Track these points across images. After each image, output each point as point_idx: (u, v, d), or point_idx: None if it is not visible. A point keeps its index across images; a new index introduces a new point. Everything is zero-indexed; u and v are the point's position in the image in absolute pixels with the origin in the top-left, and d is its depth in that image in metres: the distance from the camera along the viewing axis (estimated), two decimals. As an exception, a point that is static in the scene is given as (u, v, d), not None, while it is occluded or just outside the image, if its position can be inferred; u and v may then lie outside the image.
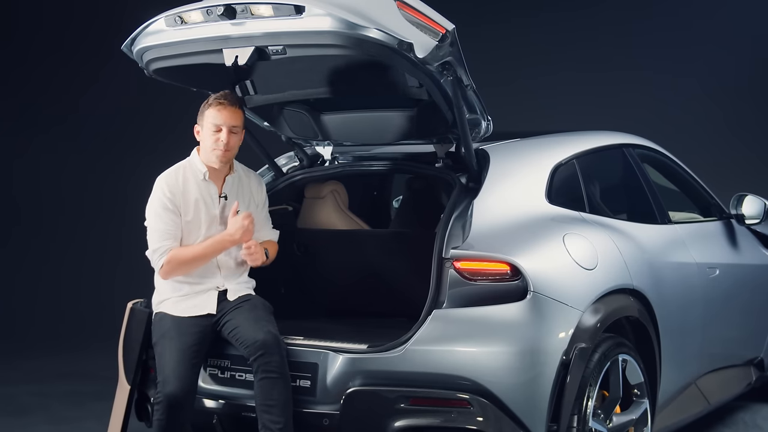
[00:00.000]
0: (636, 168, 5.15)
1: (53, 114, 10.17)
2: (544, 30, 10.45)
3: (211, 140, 4.19)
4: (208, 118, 4.19)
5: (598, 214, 4.58)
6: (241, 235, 4.16)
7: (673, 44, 10.20)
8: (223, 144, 4.17)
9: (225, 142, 4.17)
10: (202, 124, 4.22)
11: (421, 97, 4.25)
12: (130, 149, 10.12)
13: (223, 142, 4.17)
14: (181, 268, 4.16)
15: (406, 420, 3.82)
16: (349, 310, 4.86)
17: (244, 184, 4.38)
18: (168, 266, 4.14)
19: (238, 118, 4.21)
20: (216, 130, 4.17)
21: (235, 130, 4.20)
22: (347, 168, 4.86)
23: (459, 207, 4.10)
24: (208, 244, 4.18)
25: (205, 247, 4.17)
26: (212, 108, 4.18)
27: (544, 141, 4.77)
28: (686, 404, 5.04)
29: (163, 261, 4.13)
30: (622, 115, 9.68)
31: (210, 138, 4.19)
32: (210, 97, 4.22)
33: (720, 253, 5.47)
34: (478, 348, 3.82)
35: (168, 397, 3.98)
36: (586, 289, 4.08)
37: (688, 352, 4.95)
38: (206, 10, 3.88)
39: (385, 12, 3.70)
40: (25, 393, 6.74)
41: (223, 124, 4.17)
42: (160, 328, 4.18)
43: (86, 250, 10.05)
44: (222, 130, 4.17)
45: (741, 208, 5.71)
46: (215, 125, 4.17)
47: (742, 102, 10.11)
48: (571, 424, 3.92)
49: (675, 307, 4.75)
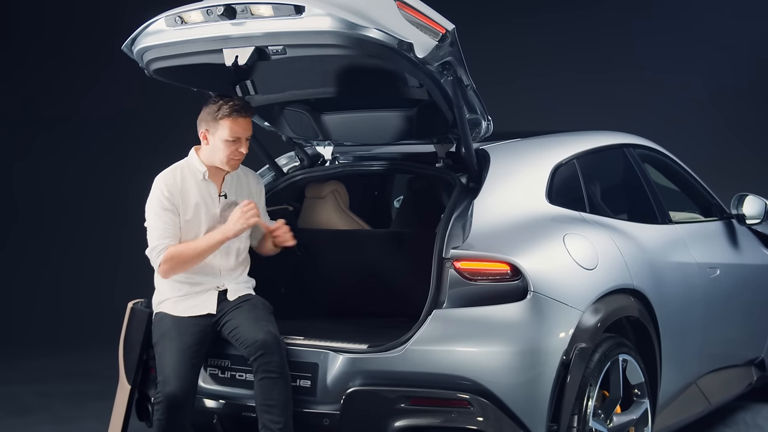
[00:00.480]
0: (636, 168, 5.15)
1: (54, 114, 10.18)
2: (544, 30, 10.46)
3: (227, 150, 4.14)
4: (224, 128, 4.12)
5: (598, 214, 4.57)
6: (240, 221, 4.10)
7: (673, 45, 10.21)
8: (241, 154, 4.16)
9: (243, 153, 4.16)
10: (215, 132, 4.15)
11: (422, 97, 4.24)
12: (130, 149, 10.13)
13: (242, 152, 4.16)
14: (180, 266, 4.14)
15: (406, 420, 3.82)
16: (349, 310, 4.86)
17: (243, 182, 4.38)
18: (167, 264, 4.12)
19: (251, 126, 4.20)
20: (234, 140, 4.14)
21: (250, 138, 4.21)
22: (348, 168, 4.86)
23: (459, 207, 4.10)
24: (206, 238, 4.15)
25: (203, 242, 4.14)
26: (229, 119, 4.11)
27: (544, 141, 4.77)
28: (687, 404, 5.03)
29: (162, 258, 4.10)
30: (622, 115, 9.68)
31: (226, 148, 4.14)
32: (222, 105, 4.13)
33: (721, 253, 5.47)
34: (478, 348, 3.82)
35: (168, 397, 3.98)
36: (586, 289, 4.07)
37: (688, 352, 4.95)
38: (206, 10, 3.88)
39: (385, 12, 3.70)
40: (28, 393, 6.76)
41: (242, 136, 4.15)
42: (160, 328, 4.18)
43: (89, 250, 10.06)
44: (241, 141, 4.15)
45: (742, 208, 5.71)
46: (234, 136, 4.13)
47: (742, 102, 10.12)
48: (571, 424, 3.92)
49: (675, 307, 4.74)
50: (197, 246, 4.14)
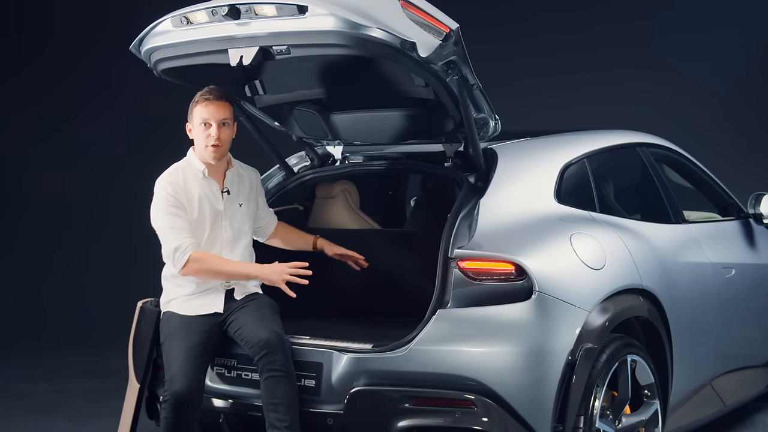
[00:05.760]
0: (650, 167, 5.10)
1: (63, 114, 10.22)
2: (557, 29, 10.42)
3: (202, 136, 4.21)
4: (196, 115, 4.21)
5: (608, 214, 4.54)
6: (276, 277, 4.15)
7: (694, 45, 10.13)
8: (214, 139, 4.19)
9: (216, 137, 4.19)
10: (192, 122, 4.25)
11: (428, 96, 4.24)
12: (138, 149, 10.09)
13: (213, 137, 4.19)
14: (203, 272, 4.16)
15: (410, 420, 3.82)
16: (360, 309, 4.85)
17: (244, 177, 4.40)
18: (194, 264, 4.12)
19: (226, 111, 4.22)
20: (206, 125, 4.20)
21: (225, 122, 4.22)
22: (358, 167, 4.86)
23: (466, 206, 4.09)
24: (237, 264, 4.22)
25: (233, 266, 4.19)
26: (199, 104, 4.21)
27: (553, 140, 4.73)
28: (701, 405, 4.99)
29: (188, 258, 4.11)
30: (642, 114, 9.61)
31: (201, 134, 4.21)
32: (196, 94, 4.24)
33: (736, 253, 5.41)
34: (482, 348, 3.81)
35: (175, 395, 4.00)
36: (593, 289, 4.04)
37: (701, 353, 4.90)
38: (211, 10, 3.92)
39: (388, 11, 3.70)
40: (47, 391, 6.83)
41: (211, 119, 4.19)
42: (168, 327, 4.20)
43: (97, 250, 10.08)
44: (211, 125, 4.19)
45: (759, 208, 5.65)
46: (204, 120, 4.19)
47: (761, 101, 10.01)
48: (577, 425, 3.90)
49: (687, 307, 4.70)
50: (229, 267, 4.19)
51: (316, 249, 4.63)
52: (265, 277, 4.18)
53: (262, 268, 4.19)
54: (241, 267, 4.22)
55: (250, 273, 4.21)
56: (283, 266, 4.17)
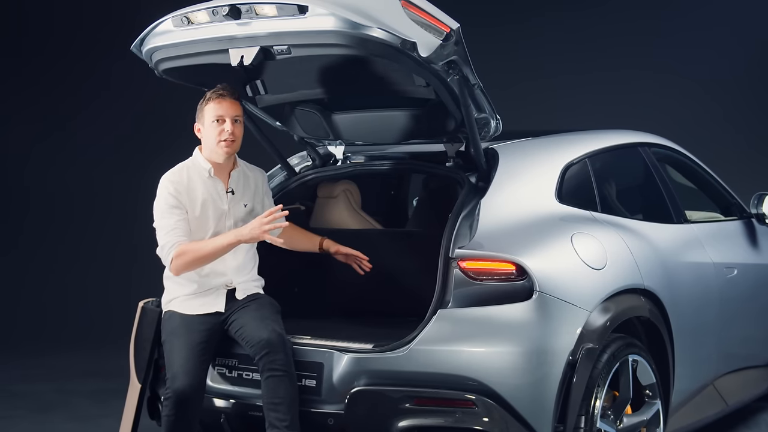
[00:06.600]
0: (652, 167, 5.09)
1: (65, 113, 10.23)
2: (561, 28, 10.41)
3: (215, 133, 4.20)
4: (209, 113, 4.21)
5: (610, 214, 4.54)
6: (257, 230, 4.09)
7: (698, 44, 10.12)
8: (228, 134, 4.19)
9: (231, 132, 4.19)
10: (203, 120, 4.24)
11: (429, 96, 4.24)
12: (141, 148, 10.11)
13: (228, 131, 4.18)
14: (191, 263, 4.14)
15: (411, 420, 3.82)
16: (361, 309, 4.85)
17: (249, 177, 4.40)
18: (178, 260, 4.11)
19: (238, 108, 4.23)
20: (219, 121, 4.19)
21: (237, 119, 4.23)
22: (359, 167, 4.86)
23: (467, 206, 4.09)
24: (219, 238, 4.16)
25: (216, 242, 4.14)
26: (212, 102, 4.20)
27: (555, 140, 4.73)
28: (703, 405, 4.98)
29: (173, 254, 4.11)
30: (643, 114, 9.61)
31: (214, 131, 4.20)
32: (207, 93, 4.25)
33: (739, 253, 5.40)
34: (483, 348, 3.81)
35: (177, 393, 4.01)
36: (594, 289, 4.04)
37: (703, 353, 4.89)
38: (212, 10, 3.92)
39: (389, 11, 3.71)
40: (50, 390, 6.83)
41: (225, 115, 4.19)
42: (169, 325, 4.21)
43: (100, 249, 10.10)
44: (225, 120, 4.19)
45: (762, 208, 5.64)
46: (218, 117, 4.19)
47: (764, 101, 9.99)
48: (578, 425, 3.90)
49: (689, 307, 4.69)
50: (209, 245, 4.15)
51: (322, 250, 4.62)
52: (245, 237, 4.11)
53: (240, 230, 4.13)
54: (221, 239, 4.15)
55: (231, 241, 4.14)
56: (258, 219, 4.12)
